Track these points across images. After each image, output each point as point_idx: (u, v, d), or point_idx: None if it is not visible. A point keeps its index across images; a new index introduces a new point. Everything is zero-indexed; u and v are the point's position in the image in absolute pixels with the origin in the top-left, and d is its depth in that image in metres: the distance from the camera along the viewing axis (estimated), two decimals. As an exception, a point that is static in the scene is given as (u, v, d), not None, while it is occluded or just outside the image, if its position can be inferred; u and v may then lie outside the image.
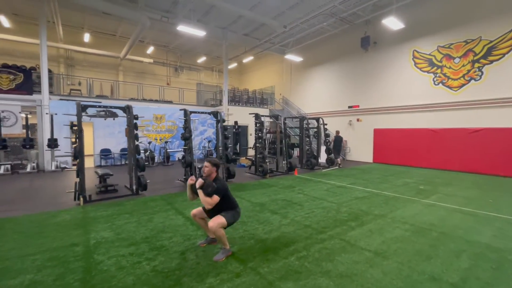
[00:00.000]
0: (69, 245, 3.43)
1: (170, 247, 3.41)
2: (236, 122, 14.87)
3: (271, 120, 12.97)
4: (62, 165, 9.91)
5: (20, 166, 9.34)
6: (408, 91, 11.87)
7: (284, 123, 10.03)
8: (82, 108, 5.72)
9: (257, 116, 9.11)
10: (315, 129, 11.85)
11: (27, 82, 10.12)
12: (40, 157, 9.64)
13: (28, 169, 9.18)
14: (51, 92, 11.45)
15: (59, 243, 3.49)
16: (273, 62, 19.35)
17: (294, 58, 15.09)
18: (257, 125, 9.05)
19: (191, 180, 3.20)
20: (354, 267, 2.94)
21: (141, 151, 6.52)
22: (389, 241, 3.64)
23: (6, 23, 11.81)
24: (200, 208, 3.40)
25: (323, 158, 12.00)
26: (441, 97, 10.87)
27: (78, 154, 5.49)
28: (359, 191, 6.75)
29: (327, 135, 11.87)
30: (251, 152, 13.46)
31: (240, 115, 14.50)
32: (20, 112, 9.23)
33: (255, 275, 2.76)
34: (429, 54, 11.20)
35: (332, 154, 11.64)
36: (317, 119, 11.74)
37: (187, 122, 7.27)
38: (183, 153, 12.77)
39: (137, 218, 4.53)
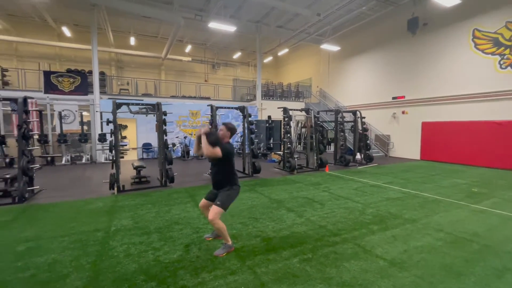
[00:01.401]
0: (93, 230, 3.79)
1: (178, 238, 3.52)
2: (269, 117, 14.72)
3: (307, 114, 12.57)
4: (111, 157, 11.09)
5: (78, 158, 10.75)
6: (466, 78, 10.24)
7: (316, 117, 9.57)
8: (117, 106, 6.26)
9: (285, 110, 8.85)
10: (353, 123, 11.05)
11: (83, 84, 11.50)
12: (93, 150, 10.95)
13: (83, 160, 10.52)
14: (104, 92, 12.87)
15: (86, 228, 3.89)
16: (310, 54, 18.58)
17: (331, 47, 14.24)
18: (285, 119, 8.80)
19: (199, 131, 3.13)
20: (361, 276, 2.63)
21: (169, 145, 6.87)
22: (412, 250, 3.18)
23: (68, 33, 13.59)
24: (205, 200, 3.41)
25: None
26: (509, 83, 9.11)
27: (113, 147, 6.04)
28: (393, 191, 6.10)
29: (365, 129, 11.00)
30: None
31: (274, 110, 14.29)
32: (76, 111, 10.58)
33: (250, 274, 2.67)
34: (495, 33, 9.45)
35: (370, 150, 10.77)
36: (354, 112, 10.92)
37: (213, 117, 7.43)
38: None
39: (158, 208, 4.80)
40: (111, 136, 6.15)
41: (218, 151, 2.97)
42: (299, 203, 5.15)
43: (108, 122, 6.05)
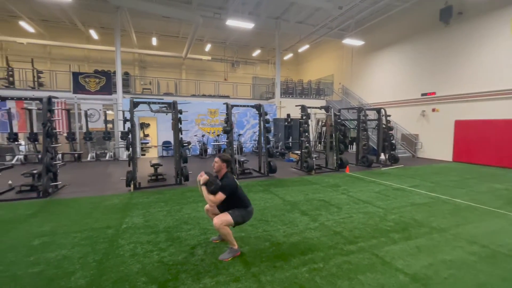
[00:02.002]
0: (104, 227, 3.84)
1: (185, 239, 3.45)
2: (288, 115, 14.38)
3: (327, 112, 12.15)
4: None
5: (102, 155, 11.25)
6: (506, 71, 9.21)
7: (335, 115, 9.14)
8: (134, 105, 6.39)
9: (303, 108, 8.55)
10: (377, 121, 10.43)
11: (108, 84, 11.99)
12: (116, 147, 11.41)
13: (107, 157, 10.98)
14: (127, 92, 13.36)
15: (98, 224, 3.95)
16: (332, 49, 17.93)
17: (353, 42, 13.59)
18: (303, 117, 8.50)
19: (200, 176, 3.11)
20: (377, 292, 2.36)
21: (185, 144, 6.90)
22: (439, 264, 2.83)
23: (95, 35, 14.26)
24: None
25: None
26: (560, 76, 8.05)
27: (130, 145, 6.16)
28: (420, 195, 5.60)
29: (390, 128, 10.34)
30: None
31: (294, 108, 13.93)
32: (100, 110, 11.05)
33: (254, 282, 2.51)
34: (543, 19, 8.38)
35: (396, 151, 10.11)
36: (378, 110, 10.30)
37: (228, 115, 7.34)
38: (235, 146, 13.15)
39: (170, 207, 4.79)
40: (128, 134, 6.27)
41: (220, 196, 2.90)
42: (314, 206, 4.88)
43: (125, 120, 6.17)
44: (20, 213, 4.47)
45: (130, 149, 6.20)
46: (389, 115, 10.40)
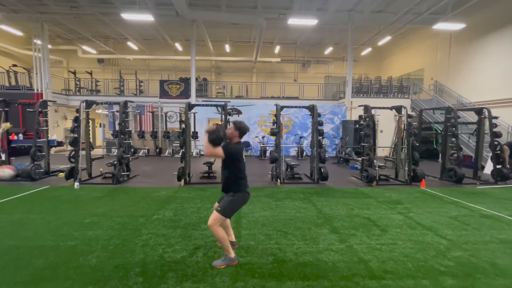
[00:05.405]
0: (140, 216, 4.31)
1: (195, 238, 3.50)
2: (360, 117, 12.97)
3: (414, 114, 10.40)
4: (202, 152, 12.70)
5: (178, 151, 12.86)
6: None
7: (411, 116, 7.57)
8: (189, 107, 7.00)
9: (366, 109, 7.47)
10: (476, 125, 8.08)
11: (186, 89, 13.67)
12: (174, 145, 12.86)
13: (180, 154, 12.49)
14: (201, 96, 14.89)
15: (137, 212, 4.47)
16: (421, 39, 15.05)
17: (450, 26, 10.98)
18: (366, 119, 7.42)
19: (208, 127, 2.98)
20: None
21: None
22: None
23: (179, 47, 16.49)
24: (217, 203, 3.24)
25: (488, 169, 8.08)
26: None
27: (183, 144, 6.78)
28: (523, 230, 3.98)
29: (496, 135, 7.82)
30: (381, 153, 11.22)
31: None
32: (177, 112, 12.67)
33: (230, 299, 2.29)
34: None
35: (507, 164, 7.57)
36: (479, 111, 7.97)
37: (277, 117, 7.13)
38: (296, 148, 12.72)
39: (202, 204, 4.99)
40: (181, 134, 6.90)
41: (218, 151, 2.74)
42: (353, 224, 4.14)
43: (180, 121, 6.83)
44: (94, 195, 5.54)
45: (184, 147, 6.81)
46: (496, 117, 7.87)
